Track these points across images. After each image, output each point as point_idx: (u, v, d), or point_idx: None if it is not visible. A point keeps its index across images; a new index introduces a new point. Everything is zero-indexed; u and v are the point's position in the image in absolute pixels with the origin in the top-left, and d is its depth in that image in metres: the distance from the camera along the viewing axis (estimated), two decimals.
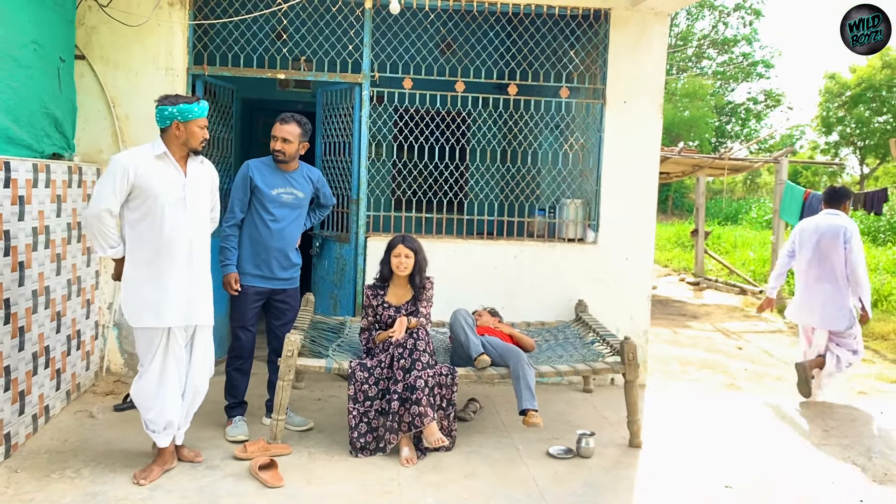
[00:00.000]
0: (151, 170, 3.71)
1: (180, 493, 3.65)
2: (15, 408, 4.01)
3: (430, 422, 4.10)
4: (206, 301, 3.89)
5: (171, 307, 3.74)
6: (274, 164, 4.51)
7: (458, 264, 5.58)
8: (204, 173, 3.93)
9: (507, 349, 4.50)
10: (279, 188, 4.49)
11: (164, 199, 3.71)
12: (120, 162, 3.68)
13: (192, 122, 3.75)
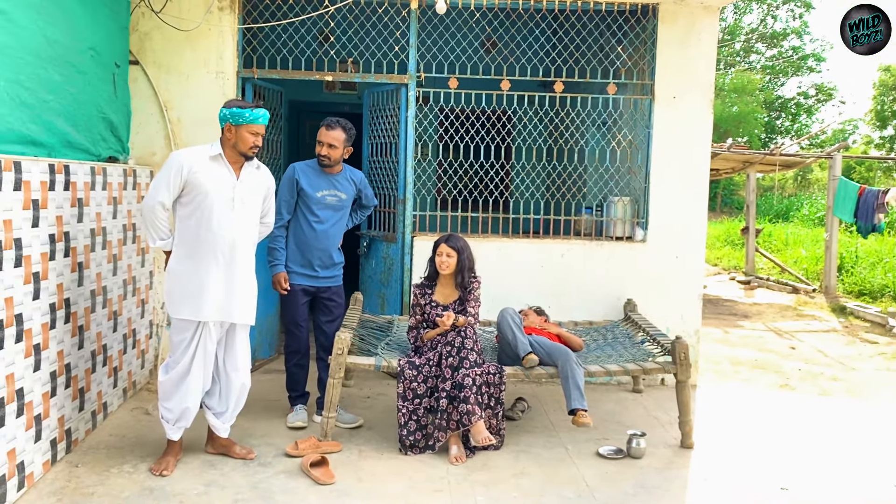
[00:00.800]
0: (204, 169, 3.80)
1: (234, 490, 3.71)
2: (75, 404, 4.12)
3: (477, 420, 4.09)
4: (246, 300, 3.96)
5: (208, 302, 3.83)
6: (318, 167, 4.59)
7: (505, 263, 5.56)
8: (259, 179, 4.01)
9: (554, 348, 4.47)
10: (323, 190, 4.56)
11: (213, 198, 3.80)
12: (176, 158, 3.80)
13: (242, 126, 3.82)
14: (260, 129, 3.89)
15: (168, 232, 3.87)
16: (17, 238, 3.46)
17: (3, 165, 3.34)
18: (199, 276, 3.82)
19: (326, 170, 4.58)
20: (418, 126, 5.68)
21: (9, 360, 3.39)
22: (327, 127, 4.50)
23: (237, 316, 3.91)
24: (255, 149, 3.90)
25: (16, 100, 3.74)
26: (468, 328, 4.31)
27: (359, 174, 4.78)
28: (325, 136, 4.50)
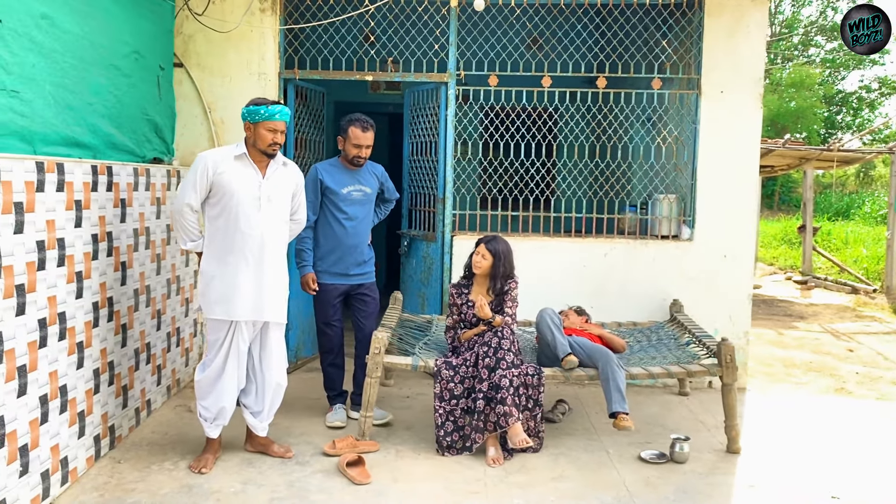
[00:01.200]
0: (230, 168, 3.83)
1: (271, 488, 3.73)
2: (118, 401, 4.20)
3: (514, 422, 4.03)
4: (277, 298, 3.97)
5: (240, 302, 3.85)
6: (339, 164, 4.62)
7: (546, 263, 5.48)
8: (285, 176, 4.01)
9: (595, 350, 4.38)
10: (349, 186, 4.57)
11: (240, 197, 3.82)
12: (202, 159, 3.84)
13: (260, 124, 3.83)
14: (278, 125, 3.87)
15: (198, 233, 3.91)
16: (61, 238, 3.53)
17: (46, 167, 3.42)
18: (230, 276, 3.85)
19: (351, 167, 4.58)
20: (458, 124, 5.63)
21: (52, 357, 3.47)
22: (363, 129, 4.49)
23: (268, 314, 3.93)
24: (275, 146, 3.89)
25: (61, 103, 3.83)
26: (505, 328, 4.25)
27: (379, 167, 4.78)
28: (363, 138, 4.49)
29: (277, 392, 4.10)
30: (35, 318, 3.32)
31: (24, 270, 3.23)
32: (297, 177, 4.11)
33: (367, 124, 4.51)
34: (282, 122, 3.89)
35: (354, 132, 4.48)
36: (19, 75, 3.45)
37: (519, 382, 4.14)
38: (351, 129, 4.48)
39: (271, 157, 3.93)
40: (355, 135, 4.49)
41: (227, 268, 3.85)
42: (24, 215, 3.23)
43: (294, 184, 4.08)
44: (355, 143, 4.49)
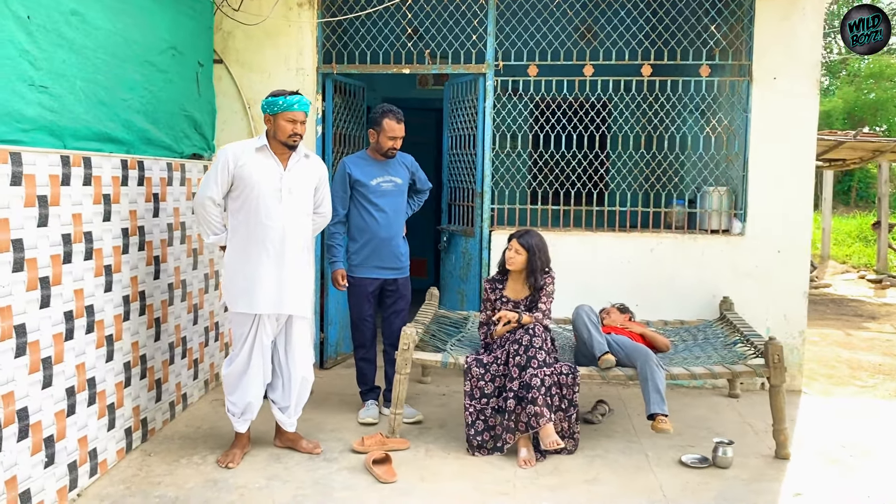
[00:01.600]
0: (251, 161, 3.81)
1: (296, 485, 3.68)
2: (151, 395, 4.23)
3: (546, 423, 3.89)
4: (300, 292, 3.92)
5: (261, 295, 3.82)
6: (368, 157, 4.56)
7: (589, 258, 5.30)
8: (307, 168, 3.97)
9: (634, 349, 4.19)
10: (378, 178, 4.51)
11: (260, 189, 3.79)
12: (223, 153, 3.84)
13: (278, 115, 3.80)
14: (297, 115, 3.82)
15: (221, 227, 3.90)
16: (88, 231, 3.56)
17: (73, 161, 3.45)
18: (251, 269, 3.82)
19: (381, 158, 4.51)
20: (496, 117, 5.49)
21: (79, 349, 3.50)
22: (398, 120, 4.42)
23: (288, 307, 3.88)
24: (295, 137, 3.84)
25: (92, 98, 3.86)
26: (537, 325, 4.11)
27: (409, 157, 4.69)
28: (398, 129, 4.43)
29: (304, 387, 4.06)
30: (61, 311, 3.35)
31: (49, 263, 3.26)
32: (319, 169, 4.06)
33: (401, 115, 4.45)
34: (300, 113, 3.85)
35: (389, 124, 4.41)
36: (48, 71, 3.49)
37: (551, 382, 4.00)
38: (385, 122, 4.41)
39: (292, 148, 3.89)
40: (390, 127, 4.41)
41: (249, 261, 3.83)
42: (49, 208, 3.26)
43: (317, 176, 4.03)
44: (390, 136, 4.42)
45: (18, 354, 3.06)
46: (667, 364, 4.27)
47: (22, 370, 3.08)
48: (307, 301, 3.98)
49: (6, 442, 3.00)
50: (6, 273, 2.98)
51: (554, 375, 4.03)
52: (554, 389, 4.01)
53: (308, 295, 3.99)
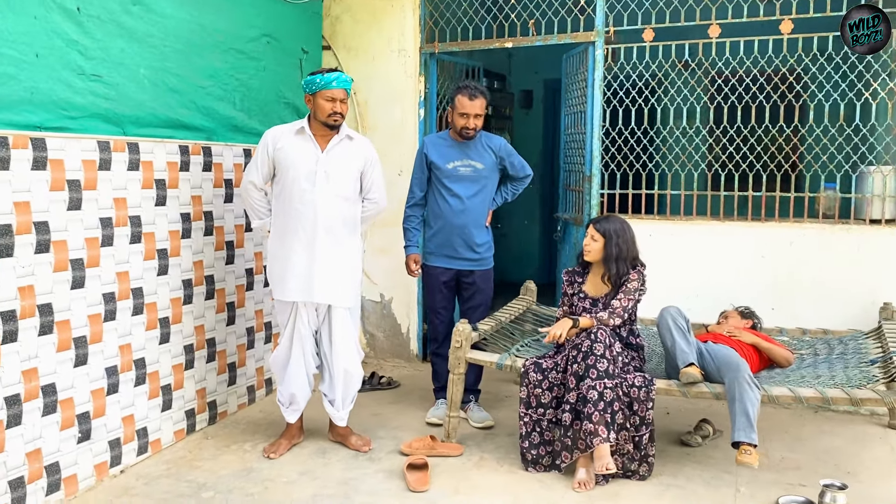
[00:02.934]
0: (289, 144, 3.68)
1: (322, 483, 3.50)
2: (223, 378, 4.28)
3: (600, 443, 3.33)
4: (334, 280, 3.71)
5: (293, 282, 3.69)
6: (449, 138, 4.20)
7: (712, 252, 4.53)
8: (351, 151, 3.74)
9: (726, 361, 3.47)
10: (455, 161, 4.15)
11: (296, 173, 3.65)
12: (264, 136, 3.76)
13: (317, 94, 3.61)
14: (336, 93, 3.60)
15: (265, 212, 3.81)
16: (135, 216, 3.63)
17: (113, 146, 3.53)
18: (285, 255, 3.71)
19: (461, 140, 4.14)
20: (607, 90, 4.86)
21: (124, 330, 3.59)
22: (470, 96, 4.04)
23: (319, 296, 3.69)
24: (336, 117, 3.63)
25: (161, 86, 3.95)
26: (600, 329, 3.53)
27: (497, 140, 4.25)
28: (469, 106, 4.05)
29: (348, 381, 3.86)
30: (99, 292, 3.44)
31: (83, 245, 3.35)
32: (364, 151, 3.81)
33: (476, 91, 4.05)
34: (340, 91, 3.64)
35: (461, 101, 4.06)
36: (103, 60, 3.59)
37: (613, 396, 3.41)
38: (457, 98, 4.07)
39: (333, 129, 3.69)
40: (461, 103, 4.06)
41: (283, 246, 3.72)
42: (82, 192, 3.35)
43: (362, 158, 3.79)
44: (461, 113, 4.07)
45: (43, 332, 3.18)
46: (776, 381, 3.50)
47: (48, 348, 3.20)
48: (345, 290, 3.76)
49: (28, 416, 3.13)
50: (28, 254, 3.10)
51: (619, 388, 3.45)
52: (617, 405, 3.43)
53: (347, 284, 3.77)
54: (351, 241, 3.81)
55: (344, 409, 3.91)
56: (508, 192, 4.37)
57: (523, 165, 4.31)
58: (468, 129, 4.08)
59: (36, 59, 3.31)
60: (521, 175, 4.32)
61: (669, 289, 4.37)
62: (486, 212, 4.28)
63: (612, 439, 3.36)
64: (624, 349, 3.70)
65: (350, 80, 3.72)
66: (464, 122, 4.07)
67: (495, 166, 4.23)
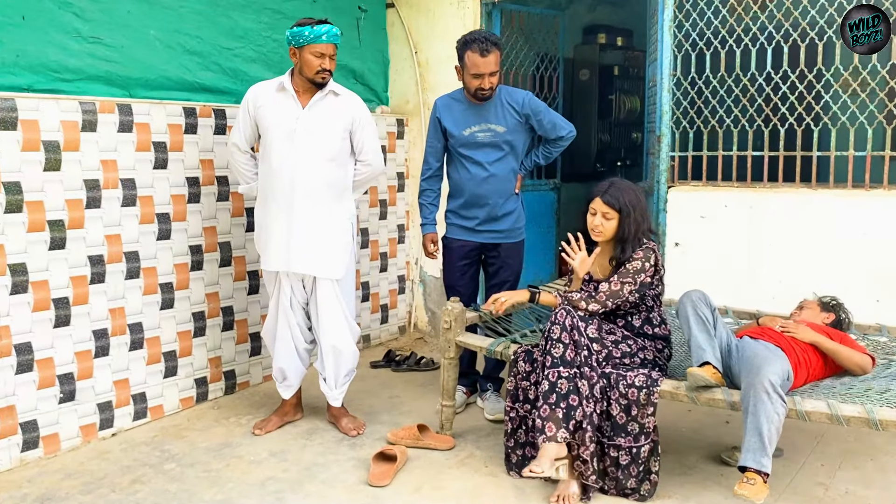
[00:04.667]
0: (269, 102, 3.41)
1: (284, 467, 3.24)
2: (243, 348, 4.17)
3: (544, 441, 2.75)
4: (315, 249, 3.40)
5: (273, 250, 3.44)
6: (464, 98, 3.66)
7: (799, 228, 3.63)
8: (335, 107, 3.40)
9: (748, 362, 2.72)
10: (472, 126, 3.63)
11: (274, 132, 3.38)
12: (245, 96, 3.49)
13: (305, 48, 3.29)
14: (325, 48, 3.27)
15: (252, 175, 3.57)
16: (129, 178, 3.58)
17: (99, 107, 3.47)
18: (267, 221, 3.46)
19: (475, 101, 3.62)
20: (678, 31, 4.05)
21: (115, 294, 3.56)
22: (482, 52, 3.46)
23: (297, 265, 3.41)
24: (324, 74, 3.31)
25: (176, 48, 3.88)
26: (560, 310, 2.92)
27: (520, 94, 3.64)
28: (482, 64, 3.47)
29: (338, 357, 3.55)
30: (83, 254, 3.43)
31: (63, 206, 3.35)
32: (351, 108, 3.44)
33: (488, 44, 3.47)
34: (330, 45, 3.32)
35: (471, 58, 3.50)
36: (104, 22, 3.58)
37: (569, 387, 2.79)
38: (468, 56, 3.51)
39: (320, 86, 3.38)
40: (473, 62, 3.50)
41: (265, 212, 3.48)
42: (62, 153, 3.35)
43: (348, 116, 3.42)
44: (474, 73, 3.51)
45: (16, 292, 3.22)
46: (824, 392, 2.69)
47: (22, 307, 3.24)
48: (328, 260, 3.45)
49: (2, 373, 3.19)
50: None
51: (583, 380, 2.82)
52: (576, 398, 2.79)
53: (331, 253, 3.45)
54: (339, 207, 3.49)
55: (337, 389, 3.62)
56: (540, 155, 3.81)
57: (555, 125, 3.70)
58: (483, 89, 3.54)
59: (22, 21, 3.34)
60: (554, 136, 3.72)
61: (748, 272, 3.59)
62: (513, 178, 3.75)
63: (562, 438, 2.74)
64: (628, 338, 3.04)
65: (339, 34, 3.38)
66: (478, 83, 3.53)
67: (521, 126, 3.67)
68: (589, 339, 2.95)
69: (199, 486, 3.09)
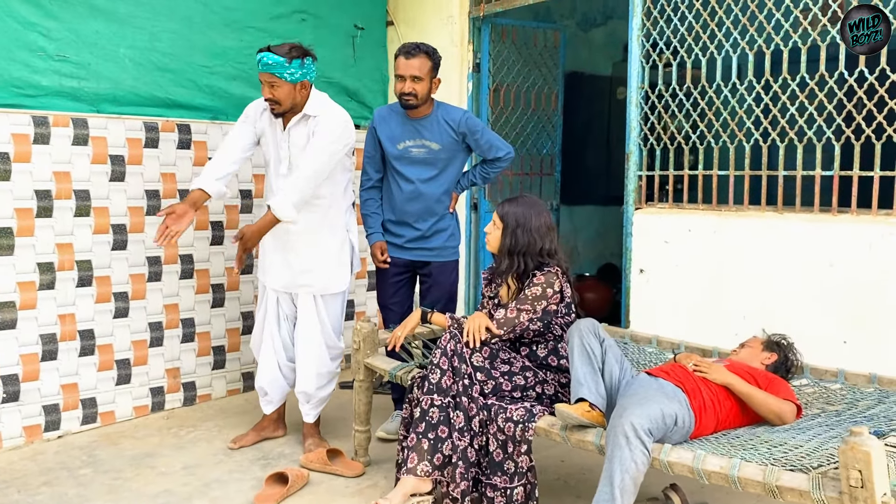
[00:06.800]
0: (266, 124, 3.49)
1: (189, 480, 3.21)
2: (204, 361, 4.20)
3: (404, 473, 2.56)
4: (292, 266, 3.46)
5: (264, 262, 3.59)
6: (402, 111, 3.52)
7: (761, 255, 3.21)
8: (306, 133, 3.35)
9: (621, 403, 2.41)
10: (406, 141, 3.51)
11: (266, 154, 3.50)
12: (252, 104, 3.56)
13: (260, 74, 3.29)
14: (263, 76, 3.24)
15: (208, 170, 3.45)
16: (83, 190, 3.71)
17: (52, 121, 3.64)
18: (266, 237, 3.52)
19: (411, 113, 3.48)
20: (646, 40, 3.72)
21: (64, 300, 3.69)
22: (407, 55, 3.38)
23: (272, 280, 3.51)
24: (271, 103, 3.28)
25: (146, 65, 4.01)
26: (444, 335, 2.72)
27: (458, 112, 3.49)
28: (405, 66, 3.38)
29: (308, 374, 3.50)
30: (32, 261, 3.58)
31: (12, 215, 3.52)
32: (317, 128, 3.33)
33: (417, 50, 3.38)
34: (265, 74, 3.24)
35: (399, 60, 3.41)
36: (71, 41, 3.76)
37: (440, 417, 2.59)
38: (397, 61, 3.43)
39: (275, 115, 3.37)
40: (398, 63, 3.41)
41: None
42: (11, 164, 3.52)
43: (306, 137, 3.36)
44: (397, 74, 3.42)
45: None
46: (726, 441, 2.34)
47: None
48: (303, 276, 3.46)
49: None
50: None
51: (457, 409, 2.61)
52: (445, 430, 2.58)
53: (310, 270, 3.45)
54: (325, 227, 3.47)
55: (308, 404, 3.56)
56: (478, 176, 3.66)
57: (492, 145, 3.53)
58: (405, 94, 3.42)
59: None
60: (491, 157, 3.55)
61: (710, 305, 3.25)
62: (445, 198, 3.61)
63: (423, 472, 2.54)
64: (528, 370, 2.79)
65: (276, 62, 3.20)
66: (401, 87, 3.42)
67: (456, 145, 3.52)
68: (473, 367, 2.73)
69: (98, 493, 3.11)
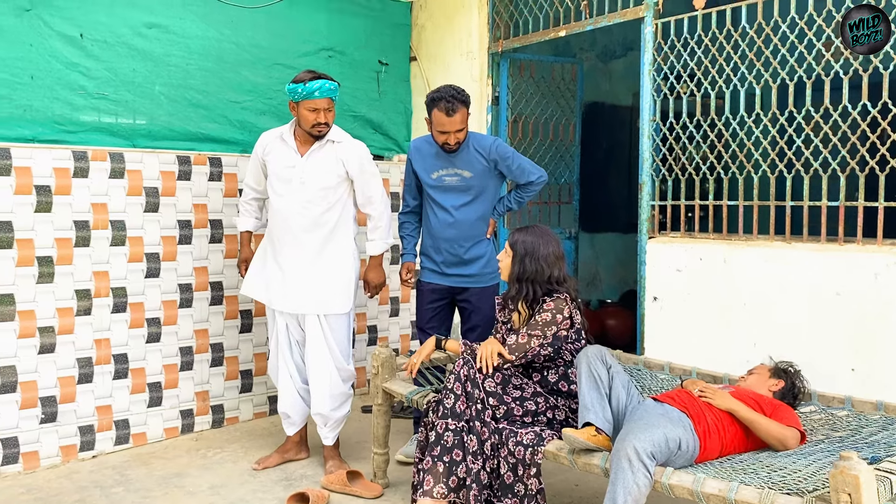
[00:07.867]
0: (275, 149, 3.66)
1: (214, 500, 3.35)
2: (232, 384, 4.35)
3: (420, 496, 2.66)
4: (299, 288, 3.59)
5: (261, 283, 3.71)
6: (435, 143, 3.68)
7: (768, 284, 3.28)
8: (331, 156, 3.54)
9: (625, 428, 2.49)
10: (439, 170, 3.67)
11: (275, 178, 3.63)
12: (258, 140, 3.75)
13: (301, 103, 3.47)
14: (318, 104, 3.43)
15: (247, 212, 3.87)
16: (119, 220, 3.91)
17: (91, 156, 3.85)
18: (265, 259, 3.72)
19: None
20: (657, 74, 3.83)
21: (100, 325, 3.87)
22: (447, 111, 3.49)
23: (278, 303, 3.62)
24: (320, 127, 3.48)
25: (181, 101, 4.24)
26: (458, 361, 2.83)
27: (488, 140, 3.64)
28: (447, 123, 3.51)
29: (322, 397, 3.62)
30: (71, 288, 3.78)
31: (52, 244, 3.72)
32: (349, 157, 3.55)
33: (455, 103, 3.48)
34: (323, 100, 3.45)
35: (438, 116, 3.54)
36: (109, 80, 3.99)
37: (455, 441, 2.70)
38: (434, 113, 3.56)
39: (318, 138, 3.55)
40: (438, 120, 3.54)
41: (265, 251, 3.75)
42: (53, 196, 3.73)
43: (341, 164, 3.54)
44: (440, 130, 3.57)
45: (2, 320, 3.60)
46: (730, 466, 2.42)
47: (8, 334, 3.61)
48: (311, 299, 3.59)
49: None
50: None
51: (471, 434, 2.71)
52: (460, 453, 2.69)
53: (318, 292, 3.58)
54: (330, 248, 3.62)
55: (326, 427, 3.69)
56: (513, 200, 3.80)
57: (524, 170, 3.67)
58: (449, 145, 3.59)
59: (31, 80, 3.79)
60: (524, 181, 3.69)
61: (722, 333, 3.34)
62: (482, 224, 3.73)
63: (439, 494, 2.64)
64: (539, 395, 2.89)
65: (336, 88, 3.49)
66: (444, 139, 3.58)
67: (489, 172, 3.66)
68: (486, 392, 2.84)
69: None
